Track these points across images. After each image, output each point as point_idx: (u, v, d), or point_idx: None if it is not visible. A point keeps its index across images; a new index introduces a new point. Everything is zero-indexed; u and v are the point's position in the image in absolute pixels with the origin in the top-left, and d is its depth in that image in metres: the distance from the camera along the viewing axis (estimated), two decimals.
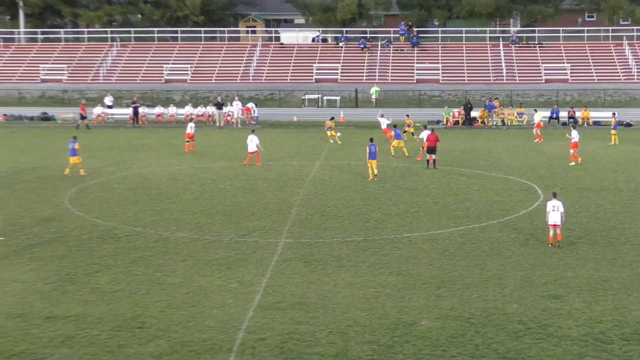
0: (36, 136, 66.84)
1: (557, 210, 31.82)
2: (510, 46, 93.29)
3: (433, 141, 49.39)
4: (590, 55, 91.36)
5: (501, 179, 46.45)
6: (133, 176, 47.77)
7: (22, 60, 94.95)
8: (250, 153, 51.09)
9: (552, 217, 31.84)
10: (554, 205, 31.92)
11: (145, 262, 30.15)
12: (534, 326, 23.50)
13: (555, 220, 31.84)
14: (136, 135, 66.99)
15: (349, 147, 58.75)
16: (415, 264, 29.88)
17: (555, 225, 31.90)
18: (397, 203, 40.23)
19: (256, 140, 51.16)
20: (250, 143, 51.05)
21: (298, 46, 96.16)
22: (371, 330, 23.25)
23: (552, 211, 31.85)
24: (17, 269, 29.40)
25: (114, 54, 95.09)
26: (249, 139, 51.40)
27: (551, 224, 31.94)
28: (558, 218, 31.83)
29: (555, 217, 31.81)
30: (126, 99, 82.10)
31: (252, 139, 51.13)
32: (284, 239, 33.38)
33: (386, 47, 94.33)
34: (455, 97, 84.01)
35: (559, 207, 31.86)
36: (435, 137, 49.61)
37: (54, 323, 23.92)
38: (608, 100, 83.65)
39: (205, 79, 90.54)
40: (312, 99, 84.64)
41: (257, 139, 51.39)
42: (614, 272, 28.73)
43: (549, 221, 31.94)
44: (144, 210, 38.94)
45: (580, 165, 50.48)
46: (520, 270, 28.97)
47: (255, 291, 26.75)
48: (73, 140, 48.29)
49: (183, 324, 23.85)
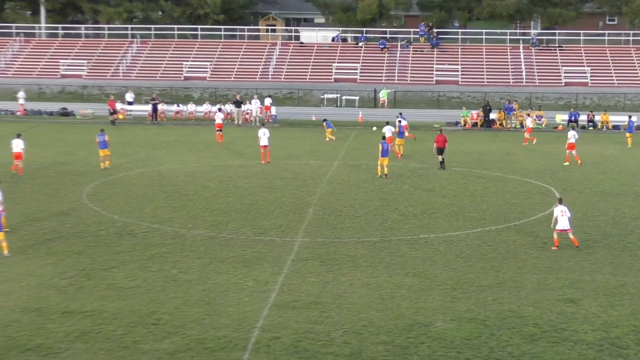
0: (55, 131, 67.12)
1: (564, 216, 31.84)
2: (530, 48, 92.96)
3: (442, 142, 49.44)
4: (611, 58, 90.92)
5: (519, 182, 46.33)
6: (151, 173, 47.89)
7: (43, 55, 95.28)
8: (263, 147, 51.31)
9: (561, 223, 31.83)
10: (562, 210, 31.92)
11: (162, 259, 30.24)
12: (549, 329, 23.45)
13: (564, 225, 31.84)
14: (155, 132, 67.15)
15: (366, 146, 58.70)
16: (432, 265, 29.86)
17: (565, 230, 31.88)
18: (414, 204, 40.19)
19: (268, 134, 51.54)
20: (263, 136, 51.26)
21: (318, 45, 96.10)
22: (386, 331, 23.25)
23: (560, 216, 31.85)
24: (34, 263, 29.55)
25: (134, 51, 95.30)
26: (260, 132, 51.55)
27: (560, 229, 31.92)
28: (567, 223, 31.84)
29: (564, 222, 31.81)
30: (145, 95, 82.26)
31: (265, 132, 51.44)
32: (300, 238, 33.40)
33: (406, 47, 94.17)
34: (474, 98, 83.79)
35: (565, 212, 31.87)
36: (444, 138, 49.66)
37: (70, 318, 24.03)
38: (628, 104, 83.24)
39: (225, 77, 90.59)
40: (330, 98, 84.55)
41: (268, 131, 51.77)
42: (631, 277, 28.62)
43: (558, 226, 31.94)
44: (162, 207, 39.05)
45: (598, 167, 50.27)
46: (536, 273, 28.91)
47: (271, 290, 26.79)
48: (101, 133, 48.96)
49: (198, 321, 23.91)
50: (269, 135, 51.75)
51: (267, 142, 51.34)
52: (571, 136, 52.36)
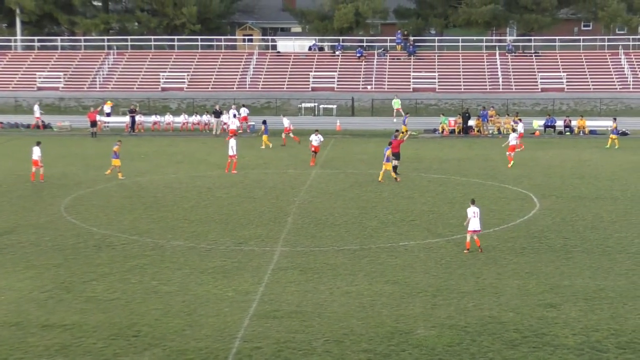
0: (33, 144, 66.62)
1: (476, 217, 32.25)
2: (506, 55, 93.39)
3: (396, 147, 49.52)
4: (587, 64, 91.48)
5: (497, 188, 46.48)
6: (129, 184, 47.74)
7: (19, 68, 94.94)
8: (230, 157, 51.32)
9: (472, 224, 32.28)
10: (474, 211, 32.30)
11: (141, 271, 30.13)
12: (530, 335, 23.51)
13: (475, 226, 32.29)
14: (133, 143, 66.91)
15: (345, 155, 58.73)
16: (412, 272, 29.88)
17: (475, 231, 32.33)
18: (393, 211, 40.24)
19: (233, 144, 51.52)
20: (231, 148, 51.27)
21: (295, 54, 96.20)
22: (367, 339, 23.24)
23: (472, 217, 32.24)
24: (13, 277, 29.36)
25: (110, 62, 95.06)
26: (230, 142, 51.46)
27: (471, 230, 32.33)
28: (478, 224, 32.30)
29: (476, 223, 32.25)
30: (123, 107, 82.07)
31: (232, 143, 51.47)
32: (280, 248, 33.37)
33: (383, 55, 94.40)
34: (451, 105, 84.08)
35: (477, 214, 32.29)
36: (399, 143, 49.88)
37: (50, 332, 23.89)
38: (604, 109, 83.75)
39: (202, 87, 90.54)
40: (308, 107, 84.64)
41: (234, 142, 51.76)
42: (610, 281, 28.75)
43: (470, 227, 32.35)
44: (140, 218, 38.92)
45: (576, 172, 50.53)
46: (517, 278, 28.99)
47: (252, 300, 26.74)
48: (116, 143, 49.90)
49: (179, 332, 23.83)
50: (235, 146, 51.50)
51: (234, 153, 51.35)
52: (512, 139, 53.55)
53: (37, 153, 48.31)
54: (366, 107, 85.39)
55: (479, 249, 32.28)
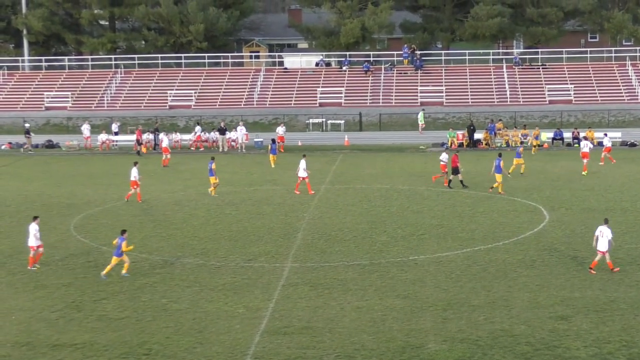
0: (41, 164, 66.93)
1: (604, 237, 31.28)
2: (513, 68, 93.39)
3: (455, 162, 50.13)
4: (594, 75, 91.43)
5: (506, 201, 46.41)
6: (138, 202, 47.73)
7: (26, 88, 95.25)
8: (301, 178, 49.42)
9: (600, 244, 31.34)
10: (602, 231, 31.41)
11: (151, 289, 30.14)
12: (541, 347, 23.44)
13: (601, 247, 31.31)
14: (141, 162, 66.90)
15: (353, 170, 58.71)
16: (422, 286, 29.84)
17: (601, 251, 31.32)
18: (402, 226, 40.21)
19: (303, 165, 49.24)
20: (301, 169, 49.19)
21: (302, 70, 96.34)
22: (378, 354, 23.20)
23: (600, 237, 31.37)
24: (23, 297, 29.41)
25: (118, 81, 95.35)
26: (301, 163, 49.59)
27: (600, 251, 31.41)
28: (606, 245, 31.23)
29: (603, 243, 31.24)
30: (130, 125, 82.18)
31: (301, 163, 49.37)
32: (290, 264, 33.36)
33: (390, 70, 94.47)
34: (459, 119, 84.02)
35: (605, 233, 31.30)
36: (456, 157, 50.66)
37: (61, 351, 23.90)
38: (612, 120, 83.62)
39: (210, 105, 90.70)
40: (316, 123, 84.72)
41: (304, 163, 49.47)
42: (621, 293, 28.68)
43: (598, 247, 31.43)
44: (150, 236, 38.96)
45: (585, 184, 50.43)
46: (527, 291, 28.93)
47: (262, 316, 26.73)
48: (211, 160, 49.73)
49: (190, 350, 23.81)
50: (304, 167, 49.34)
51: (305, 174, 49.01)
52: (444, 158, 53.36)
53: (134, 173, 47.91)
54: (374, 121, 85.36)
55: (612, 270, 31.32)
